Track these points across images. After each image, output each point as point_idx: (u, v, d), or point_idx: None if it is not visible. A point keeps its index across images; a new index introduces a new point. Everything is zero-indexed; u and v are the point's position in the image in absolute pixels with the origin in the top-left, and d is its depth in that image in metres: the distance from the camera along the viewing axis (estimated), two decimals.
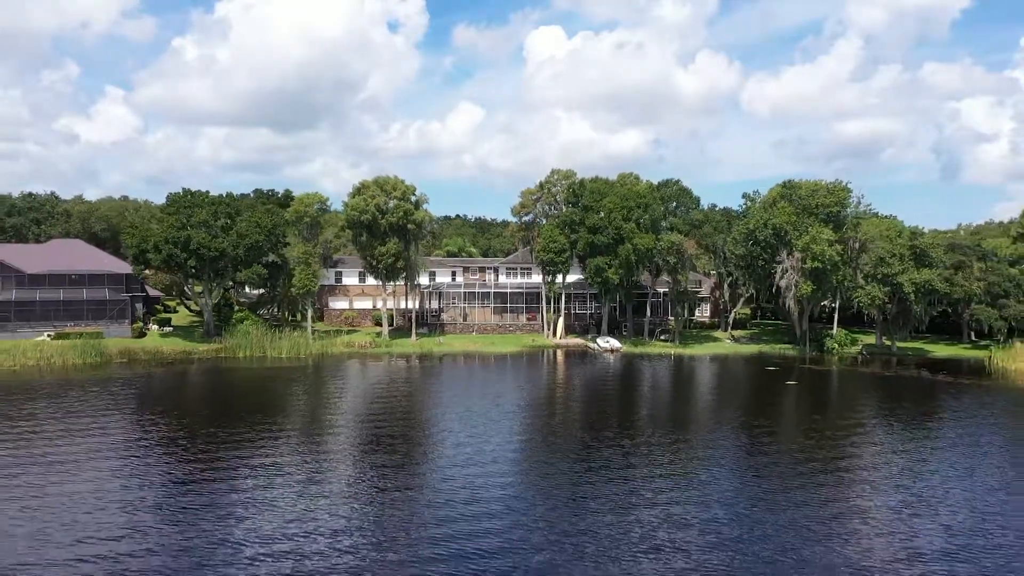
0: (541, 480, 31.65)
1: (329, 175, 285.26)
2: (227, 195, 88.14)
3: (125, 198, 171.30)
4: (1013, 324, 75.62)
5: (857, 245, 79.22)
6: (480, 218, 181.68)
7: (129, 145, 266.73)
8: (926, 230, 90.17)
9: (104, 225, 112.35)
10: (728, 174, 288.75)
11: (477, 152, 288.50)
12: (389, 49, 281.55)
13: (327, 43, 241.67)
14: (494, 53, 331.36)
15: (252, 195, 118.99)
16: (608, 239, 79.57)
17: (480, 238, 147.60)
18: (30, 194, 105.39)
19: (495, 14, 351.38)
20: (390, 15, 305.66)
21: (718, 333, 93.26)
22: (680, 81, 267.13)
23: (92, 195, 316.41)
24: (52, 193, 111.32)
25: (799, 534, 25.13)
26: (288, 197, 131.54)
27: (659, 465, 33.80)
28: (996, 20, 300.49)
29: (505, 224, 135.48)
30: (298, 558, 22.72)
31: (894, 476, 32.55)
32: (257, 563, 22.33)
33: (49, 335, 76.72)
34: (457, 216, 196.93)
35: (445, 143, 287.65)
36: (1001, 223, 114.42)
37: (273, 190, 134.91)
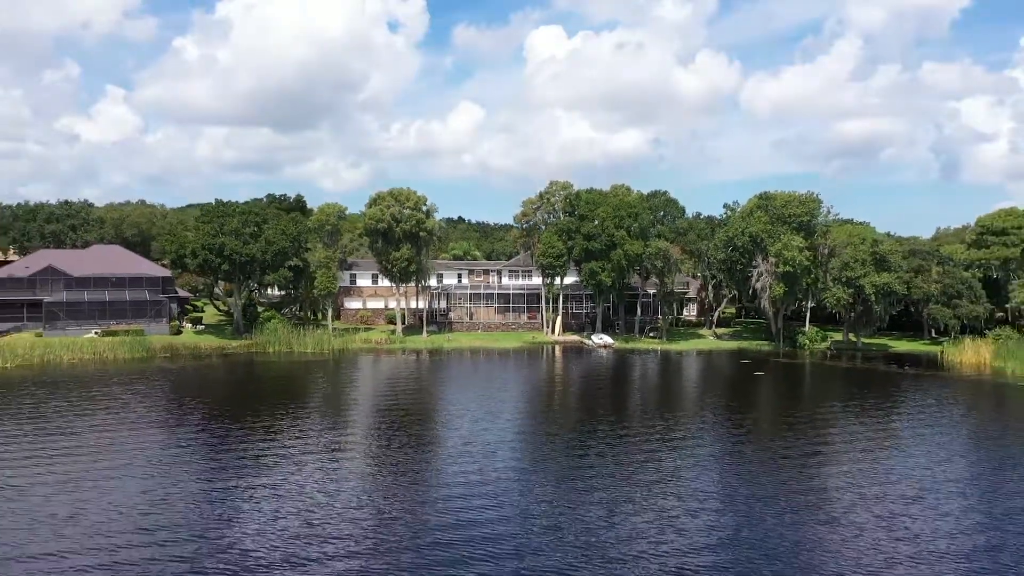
0: (544, 442, 40.19)
1: (329, 175, 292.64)
2: (254, 203, 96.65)
3: (143, 202, 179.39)
4: (965, 322, 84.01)
5: (826, 251, 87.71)
6: (483, 223, 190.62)
7: (130, 145, 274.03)
8: (892, 234, 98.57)
9: (135, 231, 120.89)
10: (728, 173, 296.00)
11: (477, 152, 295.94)
12: (389, 49, 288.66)
13: (328, 43, 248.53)
14: (494, 53, 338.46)
15: (265, 199, 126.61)
16: (601, 245, 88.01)
17: (484, 242, 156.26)
18: (66, 202, 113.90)
19: (495, 14, 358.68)
20: (390, 15, 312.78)
21: (703, 331, 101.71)
22: (680, 81, 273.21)
23: (92, 195, 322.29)
24: (86, 201, 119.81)
25: (737, 472, 33.62)
26: (299, 200, 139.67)
27: (639, 432, 42.25)
28: (995, 20, 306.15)
29: (507, 228, 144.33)
30: (339, 510, 31.14)
31: (816, 435, 41.03)
32: (307, 506, 30.78)
33: (97, 332, 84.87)
34: (460, 218, 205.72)
35: (445, 143, 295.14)
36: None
37: (285, 195, 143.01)
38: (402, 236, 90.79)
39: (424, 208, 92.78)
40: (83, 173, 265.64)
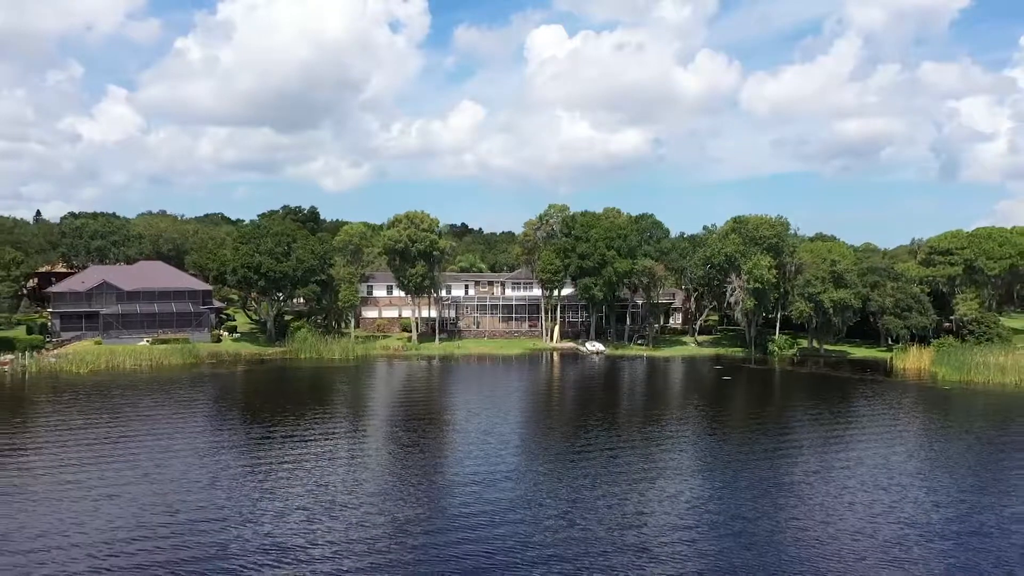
0: (546, 431, 51.69)
1: (330, 174, 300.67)
2: (283, 224, 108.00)
3: (163, 212, 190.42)
4: (914, 331, 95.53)
5: (793, 268, 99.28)
6: (487, 232, 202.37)
7: (132, 144, 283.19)
8: (868, 245, 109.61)
9: (171, 245, 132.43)
10: (728, 173, 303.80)
11: (478, 151, 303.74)
12: (391, 49, 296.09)
13: (329, 44, 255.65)
14: (495, 53, 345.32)
15: (280, 211, 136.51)
16: (594, 263, 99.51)
17: (488, 253, 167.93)
18: (108, 220, 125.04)
19: (496, 14, 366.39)
20: (392, 16, 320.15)
21: (686, 338, 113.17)
22: (680, 80, 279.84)
23: (93, 194, 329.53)
24: (124, 217, 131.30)
25: (693, 448, 45.14)
26: (313, 211, 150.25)
27: (623, 422, 53.73)
28: (994, 19, 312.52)
29: (510, 236, 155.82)
30: (366, 485, 42.66)
31: (755, 423, 52.54)
32: (342, 476, 42.27)
33: (148, 341, 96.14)
34: (464, 224, 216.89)
35: (446, 142, 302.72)
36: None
37: (300, 207, 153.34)
38: (417, 255, 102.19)
39: (437, 230, 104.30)
40: (85, 173, 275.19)
